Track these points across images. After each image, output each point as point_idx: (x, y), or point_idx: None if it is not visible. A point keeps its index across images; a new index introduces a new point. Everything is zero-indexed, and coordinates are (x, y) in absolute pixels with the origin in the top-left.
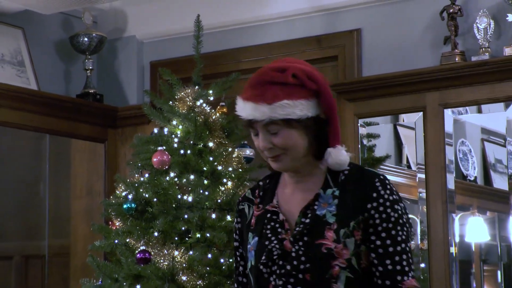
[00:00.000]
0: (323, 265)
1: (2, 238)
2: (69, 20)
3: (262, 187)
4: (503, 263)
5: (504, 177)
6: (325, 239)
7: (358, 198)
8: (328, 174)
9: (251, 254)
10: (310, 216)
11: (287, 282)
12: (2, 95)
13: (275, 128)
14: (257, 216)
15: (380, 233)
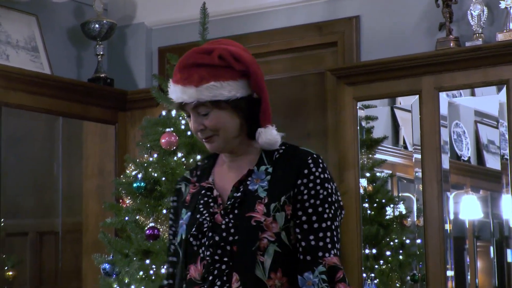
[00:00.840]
0: (251, 237)
1: (18, 216)
2: (80, 8)
3: (200, 167)
4: (495, 239)
5: (496, 157)
6: (255, 212)
7: (290, 174)
8: (263, 153)
9: (182, 228)
10: (242, 191)
11: (214, 253)
12: (17, 79)
13: (205, 110)
14: (192, 193)
15: (307, 208)
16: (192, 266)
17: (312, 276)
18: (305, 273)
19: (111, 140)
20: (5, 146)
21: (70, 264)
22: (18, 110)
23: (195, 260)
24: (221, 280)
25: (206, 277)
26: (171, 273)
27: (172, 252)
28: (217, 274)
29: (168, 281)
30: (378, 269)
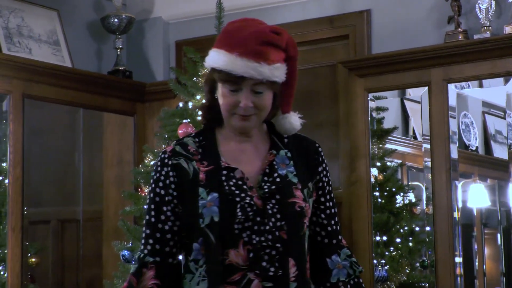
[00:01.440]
0: (297, 223)
1: (40, 204)
2: (100, 3)
3: (196, 144)
4: (503, 227)
5: (503, 147)
6: (296, 198)
7: (309, 160)
8: (273, 135)
9: (210, 210)
10: (276, 175)
11: (266, 239)
12: (40, 72)
13: (262, 88)
14: (206, 172)
15: (327, 195)
16: (232, 251)
17: (339, 259)
18: (333, 256)
19: (130, 131)
20: (28, 137)
21: (91, 251)
22: (41, 102)
23: (235, 244)
24: (274, 266)
25: (254, 263)
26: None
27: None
28: (269, 260)
29: (155, 258)
30: (389, 256)
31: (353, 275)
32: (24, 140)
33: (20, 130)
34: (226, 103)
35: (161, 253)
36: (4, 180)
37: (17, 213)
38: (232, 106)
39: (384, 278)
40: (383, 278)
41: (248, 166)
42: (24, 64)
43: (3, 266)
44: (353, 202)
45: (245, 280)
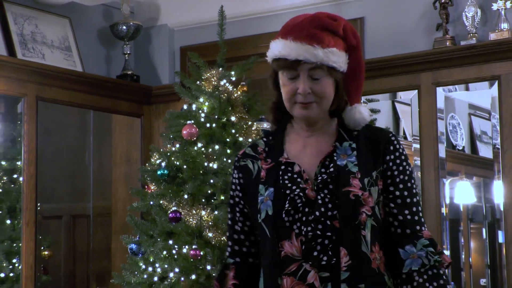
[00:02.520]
0: (352, 211)
1: (53, 200)
2: (109, 11)
3: (265, 144)
4: (488, 222)
5: (488, 147)
6: (352, 186)
7: (376, 150)
8: (340, 128)
9: (265, 204)
10: (333, 166)
11: (316, 229)
12: (53, 76)
13: (319, 74)
14: (267, 169)
15: (398, 184)
16: (286, 242)
17: (415, 249)
18: (406, 246)
19: (137, 131)
20: (41, 137)
21: (100, 245)
22: (53, 104)
23: (288, 236)
24: (327, 255)
25: (307, 253)
26: (241, 252)
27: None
28: (321, 249)
29: (235, 259)
30: None
31: (428, 265)
32: (38, 140)
33: (34, 131)
34: (286, 91)
35: (240, 254)
36: (19, 178)
37: (31, 209)
38: (291, 94)
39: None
40: None
41: (308, 160)
42: (37, 69)
43: (18, 259)
44: None
45: (301, 270)
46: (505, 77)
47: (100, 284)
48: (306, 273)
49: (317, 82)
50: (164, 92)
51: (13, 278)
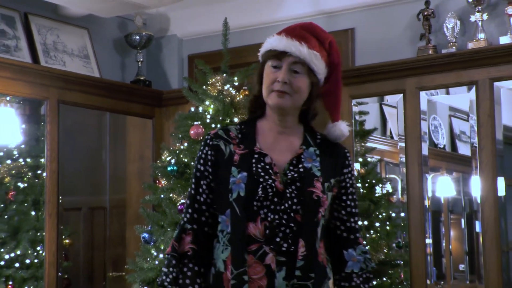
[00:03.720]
0: (313, 210)
1: (73, 193)
2: (124, 22)
3: (238, 131)
4: (466, 213)
5: (467, 145)
6: (315, 188)
7: (336, 161)
8: (306, 133)
9: (238, 186)
10: (301, 166)
11: (281, 218)
12: (73, 82)
13: (299, 69)
14: (241, 155)
15: (349, 195)
16: (250, 224)
17: (355, 253)
18: (349, 249)
19: (149, 132)
20: (63, 137)
21: (116, 234)
22: (73, 106)
23: (254, 219)
24: (287, 242)
25: (270, 237)
26: (200, 220)
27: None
28: (283, 237)
29: (193, 226)
30: (369, 238)
31: (365, 269)
32: (59, 139)
33: (55, 131)
34: (267, 79)
35: (198, 222)
36: (42, 173)
37: (53, 202)
38: (271, 82)
39: None
40: None
41: (278, 155)
42: (59, 75)
43: (42, 247)
44: None
45: (261, 251)
46: (482, 82)
47: (115, 270)
48: (265, 255)
49: (295, 75)
50: (174, 96)
51: (37, 264)
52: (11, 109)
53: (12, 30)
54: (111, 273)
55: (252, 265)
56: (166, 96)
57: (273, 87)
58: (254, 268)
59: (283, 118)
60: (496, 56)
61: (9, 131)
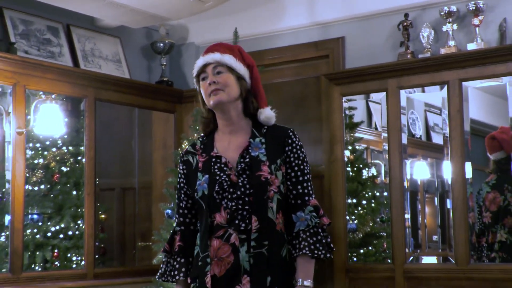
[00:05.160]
0: (262, 189)
1: (108, 176)
2: (150, 32)
3: (201, 142)
4: (439, 193)
5: (440, 136)
6: (262, 171)
7: (279, 143)
8: (254, 128)
9: (202, 187)
10: (248, 157)
11: (237, 204)
12: (108, 82)
13: (221, 70)
14: (203, 162)
15: (294, 167)
16: (217, 214)
17: (303, 214)
18: (298, 212)
19: (172, 124)
20: (99, 128)
21: (144, 210)
22: (107, 103)
23: (218, 209)
24: (244, 222)
25: (231, 221)
26: (184, 222)
27: (184, 206)
28: (241, 218)
29: (180, 227)
30: (357, 213)
31: (311, 225)
32: (96, 131)
33: (93, 124)
34: (203, 90)
35: (184, 224)
36: (82, 159)
37: (91, 183)
38: (206, 89)
39: (354, 230)
40: (353, 230)
41: (232, 153)
42: (96, 76)
43: (82, 221)
44: (332, 175)
45: (227, 234)
46: (452, 82)
47: (143, 240)
48: (230, 236)
49: (219, 75)
50: (192, 94)
51: (78, 235)
52: (56, 105)
53: (56, 39)
54: (140, 243)
55: (221, 247)
56: (186, 94)
57: (208, 91)
58: (222, 249)
59: (227, 116)
60: (464, 60)
61: (54, 124)
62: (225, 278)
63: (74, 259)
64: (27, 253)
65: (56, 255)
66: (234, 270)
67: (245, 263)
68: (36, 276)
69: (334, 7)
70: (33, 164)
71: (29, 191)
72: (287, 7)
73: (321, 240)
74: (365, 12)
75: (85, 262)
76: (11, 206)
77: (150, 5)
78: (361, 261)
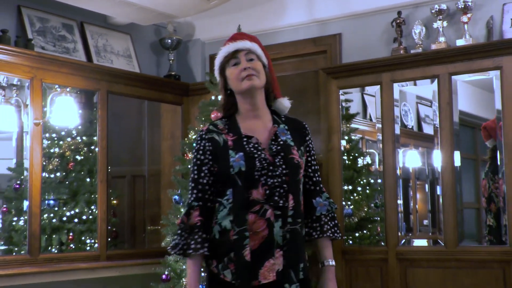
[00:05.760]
0: (295, 171)
1: (119, 164)
2: (159, 29)
3: (223, 123)
4: (429, 180)
5: (430, 126)
6: (294, 155)
7: (299, 132)
8: (274, 115)
9: (239, 163)
10: (279, 140)
11: (277, 181)
12: (119, 76)
13: (252, 57)
14: (233, 140)
15: (312, 155)
16: (254, 190)
17: (321, 200)
18: (317, 197)
19: (179, 116)
20: (111, 120)
21: (153, 196)
22: (119, 96)
23: (256, 186)
24: (282, 199)
25: (269, 198)
26: (204, 198)
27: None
28: (278, 195)
29: (199, 203)
30: (353, 199)
31: (331, 210)
32: (108, 122)
33: (105, 115)
34: (234, 74)
35: (203, 200)
36: (95, 148)
37: (103, 171)
38: (238, 75)
39: (350, 214)
40: (349, 214)
41: (259, 135)
42: (108, 71)
43: (95, 206)
44: (329, 163)
45: (262, 209)
46: (442, 76)
47: (152, 224)
48: (266, 211)
49: (252, 61)
50: (198, 87)
51: (92, 219)
52: (71, 97)
53: (71, 35)
54: (149, 227)
55: (256, 221)
56: (192, 88)
57: (242, 76)
58: (257, 223)
59: (255, 101)
60: (454, 55)
61: (69, 115)
62: (259, 251)
63: (88, 242)
64: (44, 236)
65: (71, 238)
66: (268, 244)
67: (278, 238)
68: (53, 257)
69: (331, 6)
70: (49, 153)
71: (45, 178)
72: (287, 6)
73: (337, 224)
74: (360, 10)
75: (98, 245)
76: (29, 193)
77: (158, 4)
78: (357, 244)
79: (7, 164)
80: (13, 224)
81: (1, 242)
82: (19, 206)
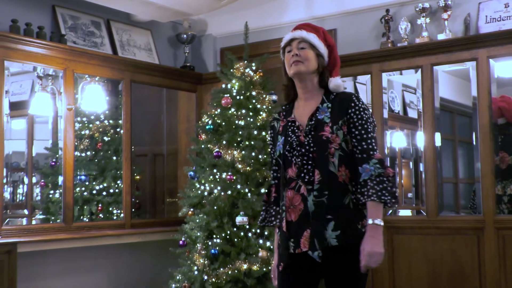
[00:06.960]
0: (323, 146)
1: (141, 144)
2: (176, 25)
3: (284, 110)
4: (413, 158)
5: (414, 111)
6: (324, 131)
7: (343, 106)
8: (324, 95)
9: (279, 147)
10: (314, 119)
11: (303, 159)
12: (140, 67)
13: (304, 46)
14: (283, 126)
15: (357, 126)
16: (289, 169)
17: (368, 166)
18: (364, 164)
19: (194, 101)
20: (134, 106)
21: (171, 172)
22: (141, 84)
23: (290, 165)
24: (308, 175)
25: (299, 175)
26: (276, 176)
27: (274, 163)
28: (306, 172)
29: (275, 181)
30: None
31: (375, 174)
32: (132, 107)
33: (129, 101)
34: (287, 61)
35: (276, 178)
36: (120, 131)
37: (128, 150)
38: (289, 60)
39: None
40: None
41: (304, 118)
42: (131, 62)
43: (120, 181)
44: None
45: (297, 185)
46: (425, 67)
47: (171, 197)
48: (300, 187)
49: (302, 50)
50: (210, 77)
51: (118, 193)
52: (99, 86)
53: (98, 31)
54: (168, 199)
55: (294, 196)
56: (205, 77)
57: (290, 62)
58: (295, 198)
59: (304, 84)
60: (435, 48)
61: (97, 102)
62: (298, 222)
63: (114, 212)
64: (77, 207)
65: (100, 208)
66: (305, 216)
67: (312, 210)
68: (84, 225)
69: (328, 4)
70: (80, 135)
71: (77, 156)
72: (288, 4)
73: (386, 188)
74: (353, 8)
75: (124, 215)
76: (63, 169)
77: (176, 3)
78: None
79: (44, 144)
80: (49, 196)
81: (40, 212)
82: (54, 181)
